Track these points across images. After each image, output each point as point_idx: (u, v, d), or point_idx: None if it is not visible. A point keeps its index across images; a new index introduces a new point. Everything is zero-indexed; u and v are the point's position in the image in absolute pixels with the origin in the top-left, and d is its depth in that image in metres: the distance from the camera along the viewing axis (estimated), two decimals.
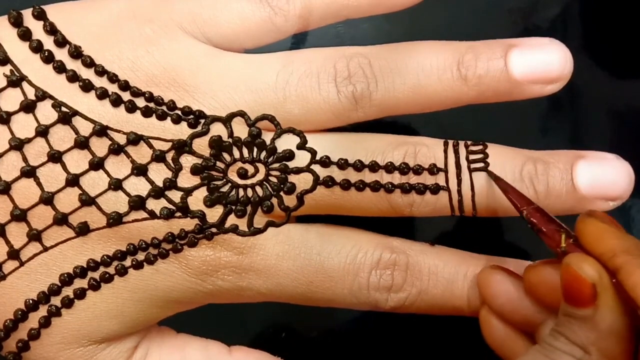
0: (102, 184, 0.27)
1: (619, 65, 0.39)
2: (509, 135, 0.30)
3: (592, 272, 0.24)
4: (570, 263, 0.24)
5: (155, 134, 0.28)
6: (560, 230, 0.26)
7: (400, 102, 0.28)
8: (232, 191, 0.28)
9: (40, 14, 0.28)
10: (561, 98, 0.29)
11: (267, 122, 0.28)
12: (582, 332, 0.24)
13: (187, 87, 0.28)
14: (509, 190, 0.28)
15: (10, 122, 0.27)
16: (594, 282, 0.23)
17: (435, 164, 0.28)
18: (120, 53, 0.28)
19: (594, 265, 0.24)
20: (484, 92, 0.28)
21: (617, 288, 0.23)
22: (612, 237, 0.24)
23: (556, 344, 0.24)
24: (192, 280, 0.28)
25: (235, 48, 0.29)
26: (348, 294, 0.29)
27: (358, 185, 0.28)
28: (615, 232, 0.25)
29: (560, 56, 0.28)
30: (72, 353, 0.28)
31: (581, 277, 0.24)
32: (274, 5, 0.28)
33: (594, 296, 0.23)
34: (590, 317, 0.24)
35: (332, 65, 0.28)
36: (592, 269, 0.24)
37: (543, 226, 0.26)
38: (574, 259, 0.24)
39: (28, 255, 0.27)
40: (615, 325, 0.23)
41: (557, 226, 0.26)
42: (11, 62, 0.27)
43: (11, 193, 0.27)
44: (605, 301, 0.23)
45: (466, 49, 0.29)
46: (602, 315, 0.23)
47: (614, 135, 0.39)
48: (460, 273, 0.29)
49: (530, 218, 0.27)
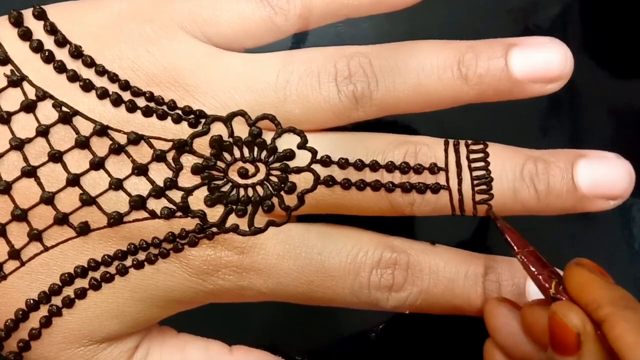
0: (103, 184, 0.27)
1: (619, 64, 0.39)
2: (509, 135, 0.30)
3: (576, 321, 0.24)
4: (556, 311, 0.24)
5: (155, 133, 0.28)
6: (552, 276, 0.26)
7: (401, 102, 0.28)
8: (232, 191, 0.28)
9: (41, 14, 0.28)
10: (561, 97, 0.29)
11: (267, 121, 0.28)
12: None
13: (188, 86, 0.28)
14: (505, 231, 0.28)
15: (11, 122, 0.27)
16: (578, 332, 0.24)
17: (436, 163, 0.28)
18: (121, 53, 0.28)
19: (579, 314, 0.24)
20: (484, 92, 0.28)
21: (601, 339, 0.24)
22: (597, 288, 0.25)
23: None
24: (192, 279, 0.28)
25: (236, 48, 0.29)
26: (349, 293, 0.29)
27: (359, 185, 0.28)
28: (601, 282, 0.25)
29: (561, 55, 0.28)
30: (73, 353, 0.28)
31: (566, 326, 0.24)
32: (274, 5, 0.28)
33: (578, 345, 0.24)
34: None
35: (333, 64, 0.28)
36: (577, 318, 0.24)
37: (537, 270, 0.27)
38: (560, 307, 0.25)
39: (29, 255, 0.27)
40: None
41: (550, 272, 0.27)
42: (12, 62, 0.27)
43: (12, 193, 0.27)
44: (588, 351, 0.24)
45: (467, 48, 0.29)
46: None
47: (614, 134, 0.39)
48: (460, 272, 0.29)
49: (524, 261, 0.27)
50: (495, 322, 0.28)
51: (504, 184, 0.28)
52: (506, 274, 0.30)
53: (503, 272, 0.30)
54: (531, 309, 0.27)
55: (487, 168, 0.28)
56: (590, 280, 0.25)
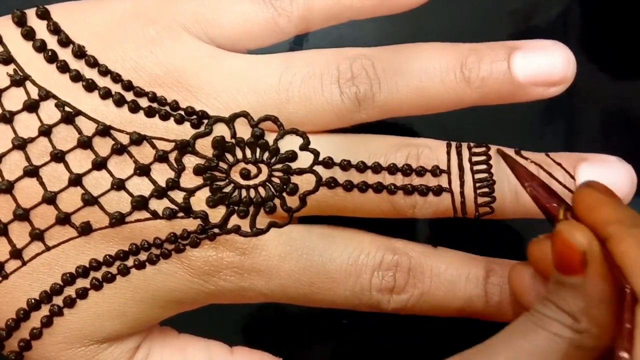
0: (105, 184, 0.27)
1: (619, 66, 0.39)
2: (510, 137, 0.30)
3: (582, 240, 0.23)
4: (561, 230, 0.24)
5: (158, 134, 0.28)
6: (560, 204, 0.26)
7: (403, 104, 0.28)
8: (234, 192, 0.28)
9: (44, 14, 0.28)
10: (561, 99, 0.29)
11: (270, 123, 0.28)
12: (571, 300, 0.24)
13: (190, 87, 0.28)
14: (515, 167, 0.28)
15: (14, 121, 0.27)
16: (584, 250, 0.23)
17: (438, 165, 0.29)
18: (124, 53, 0.28)
19: (585, 233, 0.23)
20: (487, 94, 0.28)
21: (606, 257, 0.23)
22: (606, 207, 0.24)
23: (546, 311, 0.24)
24: (194, 280, 0.28)
25: (239, 49, 0.29)
26: (350, 295, 0.29)
27: (361, 187, 0.28)
28: (611, 202, 0.24)
29: (564, 58, 0.28)
30: (74, 353, 0.28)
31: (572, 245, 0.23)
32: (277, 7, 0.28)
33: (583, 264, 0.23)
34: (579, 285, 0.23)
35: (335, 66, 0.28)
36: (583, 237, 0.23)
37: (545, 201, 0.26)
38: (565, 226, 0.24)
39: (30, 255, 0.27)
40: (604, 293, 0.23)
41: (559, 201, 0.26)
42: (15, 61, 0.27)
43: (14, 192, 0.27)
44: (594, 270, 0.23)
45: (469, 51, 0.29)
46: (592, 284, 0.23)
47: (614, 136, 0.39)
48: (462, 275, 0.29)
49: (533, 193, 0.27)
50: (520, 285, 0.28)
51: (505, 187, 0.29)
52: (507, 277, 0.30)
53: (505, 275, 0.30)
54: (537, 243, 0.27)
55: (489, 171, 0.28)
56: (599, 200, 0.25)
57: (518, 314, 0.29)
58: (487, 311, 0.30)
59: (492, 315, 0.30)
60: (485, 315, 0.30)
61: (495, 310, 0.30)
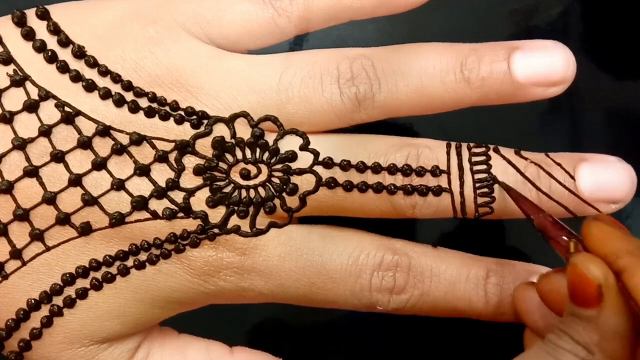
0: (105, 184, 0.27)
1: (620, 66, 0.39)
2: (510, 137, 0.30)
3: (598, 272, 0.23)
4: (577, 263, 0.24)
5: (158, 134, 0.28)
6: (570, 237, 0.26)
7: (403, 104, 0.28)
8: (234, 192, 0.28)
9: (44, 14, 0.28)
10: (562, 99, 0.29)
11: (269, 123, 0.28)
12: (586, 333, 0.24)
13: (190, 87, 0.28)
14: (520, 200, 0.28)
15: (14, 121, 0.27)
16: (599, 283, 0.23)
17: (438, 165, 0.29)
18: (124, 53, 0.28)
19: (600, 266, 0.24)
20: (486, 95, 0.28)
21: (621, 290, 0.23)
22: (616, 239, 0.24)
23: (560, 342, 0.24)
24: (194, 280, 0.28)
25: (239, 49, 0.29)
26: (350, 295, 0.29)
27: (360, 187, 0.28)
28: (620, 234, 0.25)
29: (564, 59, 0.28)
30: (73, 353, 0.28)
31: (587, 277, 0.24)
32: (277, 7, 0.28)
33: (599, 297, 0.23)
34: (594, 317, 0.23)
35: (335, 66, 0.28)
36: (599, 270, 0.24)
37: (553, 234, 0.26)
38: (580, 259, 0.24)
39: (30, 255, 0.27)
40: (619, 326, 0.23)
41: (567, 233, 0.26)
42: (14, 61, 0.27)
43: (14, 192, 0.27)
44: (610, 302, 0.23)
45: (469, 51, 0.29)
46: (607, 317, 0.23)
47: (615, 136, 0.39)
48: (462, 275, 0.29)
49: (541, 226, 0.27)
50: (525, 305, 0.28)
51: None
52: (508, 278, 0.30)
53: (505, 275, 0.30)
54: (547, 277, 0.27)
55: (489, 171, 0.28)
56: (608, 232, 0.25)
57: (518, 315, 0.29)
58: (487, 311, 0.30)
59: (492, 316, 0.30)
60: (485, 315, 0.30)
61: (495, 311, 0.30)
